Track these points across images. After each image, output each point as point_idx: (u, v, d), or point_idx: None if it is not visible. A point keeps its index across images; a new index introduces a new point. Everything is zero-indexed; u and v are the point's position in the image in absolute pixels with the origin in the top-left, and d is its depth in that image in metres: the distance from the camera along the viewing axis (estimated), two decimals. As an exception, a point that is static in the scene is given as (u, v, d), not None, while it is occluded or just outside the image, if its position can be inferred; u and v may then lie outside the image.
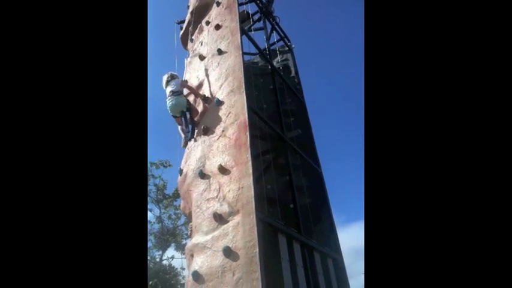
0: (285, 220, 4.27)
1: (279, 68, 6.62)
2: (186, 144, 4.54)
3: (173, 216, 17.97)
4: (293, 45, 7.17)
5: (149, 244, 17.73)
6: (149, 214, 17.93)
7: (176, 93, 4.51)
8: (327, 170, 6.38)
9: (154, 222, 17.93)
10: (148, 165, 17.57)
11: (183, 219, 17.20)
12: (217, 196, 3.37)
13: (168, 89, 4.61)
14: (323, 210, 5.16)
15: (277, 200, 4.48)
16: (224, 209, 3.18)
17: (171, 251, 17.87)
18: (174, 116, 4.66)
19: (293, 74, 6.75)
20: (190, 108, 4.64)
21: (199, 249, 3.18)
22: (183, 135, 4.75)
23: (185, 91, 4.86)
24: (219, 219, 3.15)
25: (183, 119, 4.65)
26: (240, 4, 5.52)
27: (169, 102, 4.52)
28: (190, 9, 6.23)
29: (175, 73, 4.88)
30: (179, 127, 4.86)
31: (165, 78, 4.75)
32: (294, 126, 5.71)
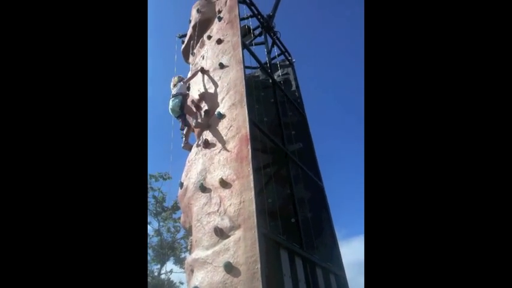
0: (286, 234, 4.21)
1: (280, 81, 6.66)
2: (186, 143, 4.77)
3: (172, 229, 17.75)
4: (294, 60, 7.24)
5: (147, 258, 17.50)
6: (148, 227, 17.76)
7: (175, 95, 4.74)
8: (328, 183, 6.32)
9: (152, 236, 17.70)
10: (148, 177, 17.50)
11: (182, 232, 17.01)
12: (218, 210, 3.34)
13: (172, 86, 4.91)
14: (325, 224, 5.11)
15: (278, 213, 4.43)
16: (225, 223, 3.14)
17: (169, 265, 17.56)
18: (176, 118, 4.88)
19: (294, 87, 6.80)
20: (185, 107, 4.76)
21: (200, 265, 3.13)
22: (184, 137, 4.89)
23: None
24: (220, 233, 3.11)
25: (183, 119, 4.80)
26: (241, 19, 5.59)
27: (169, 104, 4.78)
28: (192, 23, 6.31)
29: (179, 76, 5.15)
30: (184, 129, 4.96)
31: (173, 81, 5.03)
32: (295, 139, 5.71)
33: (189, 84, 5.26)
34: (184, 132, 4.92)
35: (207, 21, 6.05)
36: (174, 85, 4.96)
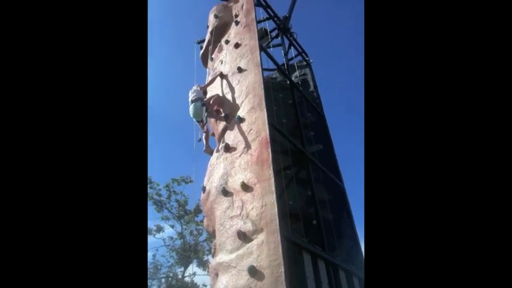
0: (308, 237, 4.19)
1: (298, 82, 6.65)
2: (207, 146, 4.92)
3: (195, 232, 17.98)
4: (311, 60, 7.21)
5: (171, 261, 17.76)
6: (171, 230, 18.02)
7: (195, 100, 4.89)
8: (349, 184, 6.25)
9: (176, 239, 18.00)
10: (170, 181, 17.78)
11: (204, 235, 17.16)
12: (240, 214, 3.37)
13: (190, 96, 5.06)
14: (346, 226, 5.05)
15: (300, 215, 4.42)
16: (248, 227, 3.16)
17: (193, 268, 17.77)
18: (198, 121, 5.05)
19: (312, 88, 6.76)
20: (208, 109, 4.89)
21: (224, 268, 3.17)
22: (204, 142, 5.02)
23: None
24: (243, 237, 3.13)
25: (205, 123, 4.97)
26: (258, 22, 5.63)
27: (190, 110, 4.95)
28: (210, 28, 6.40)
29: (199, 84, 5.32)
30: (203, 133, 5.09)
31: (191, 91, 5.17)
32: (314, 140, 5.68)
33: (205, 90, 5.35)
34: (204, 137, 5.01)
35: (224, 26, 6.12)
36: (192, 93, 5.11)
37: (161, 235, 17.90)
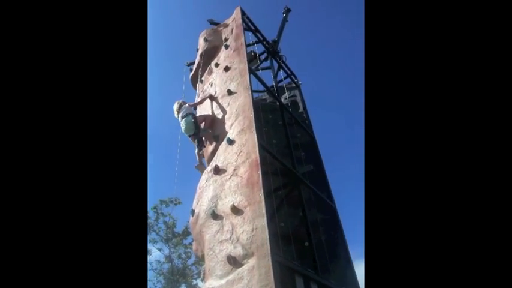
0: (301, 259, 4.13)
1: (287, 104, 6.73)
2: (200, 163, 4.91)
3: (183, 256, 17.53)
4: (300, 82, 7.34)
5: (159, 286, 17.17)
6: (159, 253, 17.54)
7: (185, 116, 4.94)
8: (340, 202, 6.24)
9: (163, 262, 17.49)
10: (158, 203, 17.46)
11: (193, 258, 16.76)
12: (230, 238, 3.30)
13: (180, 116, 5.08)
14: (339, 246, 5.00)
15: (291, 237, 4.36)
16: (238, 251, 3.10)
17: (181, 292, 17.17)
18: (189, 136, 5.05)
19: (301, 109, 6.85)
20: (198, 123, 4.95)
21: (214, 295, 3.07)
22: (197, 158, 5.02)
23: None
24: (233, 262, 3.06)
25: (196, 139, 4.99)
26: (247, 45, 5.74)
27: (182, 125, 4.97)
28: (200, 51, 6.50)
29: (182, 100, 5.39)
30: (196, 149, 5.08)
31: (175, 107, 5.24)
32: (305, 160, 5.69)
33: (195, 108, 5.39)
34: (196, 152, 4.98)
35: (214, 49, 6.22)
36: (178, 109, 5.17)
37: (148, 259, 17.42)
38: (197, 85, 6.45)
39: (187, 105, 5.20)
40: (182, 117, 4.97)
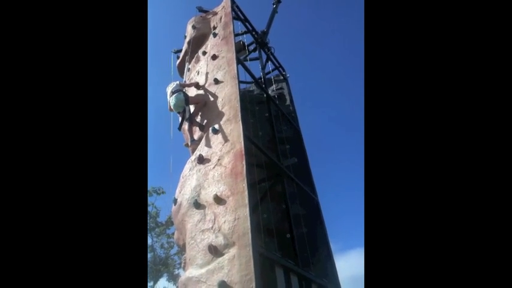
0: (282, 251, 4.15)
1: (274, 96, 6.71)
2: (191, 141, 4.61)
3: (166, 245, 17.44)
4: (288, 75, 7.32)
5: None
6: (142, 242, 17.40)
7: (175, 91, 4.77)
8: (323, 196, 6.30)
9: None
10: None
11: (175, 248, 16.69)
12: (212, 227, 3.28)
13: (169, 91, 4.91)
14: (320, 240, 5.05)
15: (273, 229, 4.38)
16: (219, 241, 3.08)
17: (163, 282, 17.14)
18: (178, 112, 4.88)
19: (288, 102, 6.84)
20: (190, 102, 4.79)
21: (193, 284, 3.05)
22: (188, 135, 4.78)
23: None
24: (214, 251, 3.05)
25: (185, 114, 4.75)
26: (236, 35, 5.66)
27: (171, 101, 4.78)
28: (187, 39, 6.37)
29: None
30: (184, 127, 4.89)
31: (169, 88, 5.02)
32: (289, 153, 5.70)
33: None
34: (186, 127, 4.75)
35: (202, 37, 6.11)
36: (170, 88, 5.00)
37: (130, 248, 17.25)
38: (184, 73, 6.34)
39: (177, 82, 5.03)
40: (173, 93, 4.76)
